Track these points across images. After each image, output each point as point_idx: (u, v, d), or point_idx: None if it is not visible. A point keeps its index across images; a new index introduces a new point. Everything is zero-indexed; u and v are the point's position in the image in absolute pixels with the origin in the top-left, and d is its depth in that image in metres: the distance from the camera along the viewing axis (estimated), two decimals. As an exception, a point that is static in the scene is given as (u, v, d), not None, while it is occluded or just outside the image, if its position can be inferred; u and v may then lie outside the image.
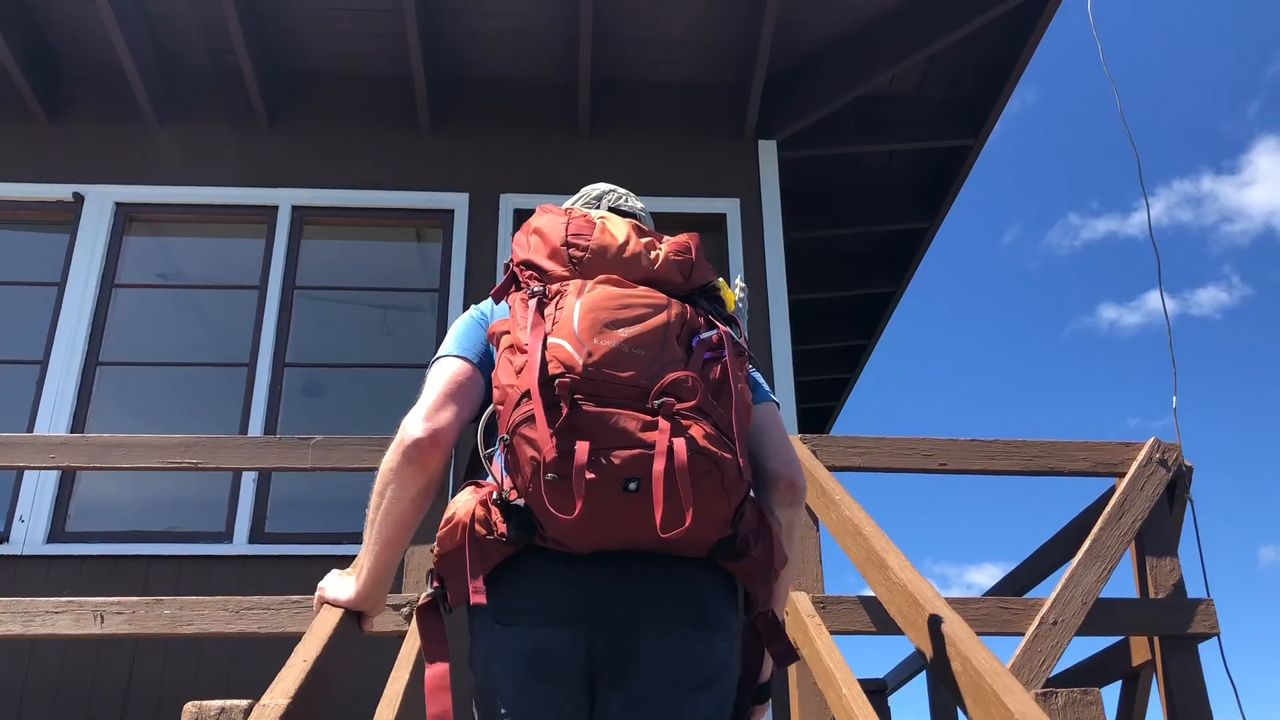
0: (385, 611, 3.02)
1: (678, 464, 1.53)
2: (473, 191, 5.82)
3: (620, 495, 1.54)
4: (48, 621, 3.13)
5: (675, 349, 1.65)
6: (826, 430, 10.40)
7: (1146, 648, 3.60)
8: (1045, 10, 5.58)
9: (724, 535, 1.64)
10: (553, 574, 1.63)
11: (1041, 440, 3.66)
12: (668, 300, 1.71)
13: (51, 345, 5.37)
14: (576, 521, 1.52)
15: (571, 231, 1.79)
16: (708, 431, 1.58)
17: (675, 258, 1.82)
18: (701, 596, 1.68)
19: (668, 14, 5.77)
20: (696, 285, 1.84)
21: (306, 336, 5.61)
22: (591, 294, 1.67)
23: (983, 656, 1.89)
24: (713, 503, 1.58)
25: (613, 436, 1.55)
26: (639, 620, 1.63)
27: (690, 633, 1.65)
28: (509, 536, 1.61)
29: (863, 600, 3.37)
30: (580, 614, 1.62)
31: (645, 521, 1.53)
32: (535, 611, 1.63)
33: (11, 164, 5.76)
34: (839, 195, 7.36)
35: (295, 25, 5.81)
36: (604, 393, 1.58)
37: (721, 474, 1.57)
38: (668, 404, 1.57)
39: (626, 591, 1.63)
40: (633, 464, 1.54)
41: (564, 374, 1.57)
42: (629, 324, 1.64)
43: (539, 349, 1.60)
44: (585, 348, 1.60)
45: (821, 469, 3.24)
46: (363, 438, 3.41)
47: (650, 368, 1.61)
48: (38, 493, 5.05)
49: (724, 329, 1.75)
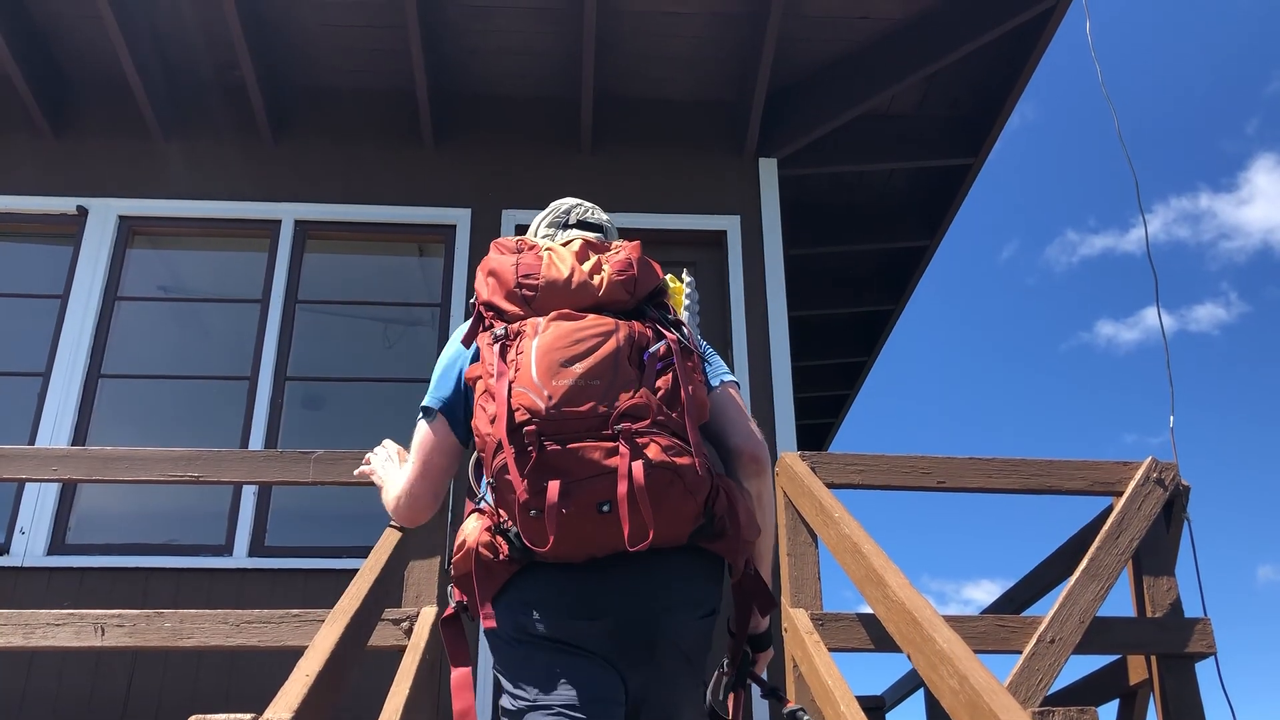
0: (385, 626, 3.03)
1: (636, 486, 1.73)
2: (475, 207, 5.85)
3: (596, 516, 1.76)
4: (48, 633, 3.13)
5: (628, 370, 1.85)
6: (825, 447, 10.40)
7: (1144, 666, 3.60)
8: (1044, 32, 5.62)
9: (699, 524, 1.86)
10: (567, 580, 1.85)
11: (1039, 459, 3.67)
12: (615, 324, 1.90)
13: (54, 358, 5.38)
14: (557, 547, 1.75)
15: (521, 272, 1.98)
16: (665, 444, 1.79)
17: (618, 278, 2.00)
18: (692, 581, 1.93)
19: (669, 32, 5.81)
20: (643, 296, 2.03)
21: (308, 350, 5.63)
22: (545, 335, 1.86)
23: (980, 674, 1.90)
24: (679, 505, 1.80)
25: (581, 468, 1.75)
26: (645, 610, 1.86)
27: (687, 613, 1.92)
28: (512, 557, 1.84)
29: (861, 618, 3.37)
30: (601, 610, 1.84)
31: (617, 533, 1.75)
32: (556, 606, 1.85)
33: (16, 177, 5.79)
34: (839, 213, 7.39)
35: (299, 41, 5.84)
36: (566, 430, 1.77)
37: (682, 480, 1.78)
38: (625, 429, 1.77)
39: (642, 586, 1.86)
40: (600, 489, 1.75)
41: (529, 420, 1.77)
42: (582, 358, 1.82)
43: (505, 398, 1.80)
44: (545, 390, 1.79)
45: (820, 486, 3.25)
46: (364, 452, 3.42)
47: (607, 394, 1.80)
48: (38, 505, 5.06)
49: (671, 336, 1.94)
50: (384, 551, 2.60)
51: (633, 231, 5.04)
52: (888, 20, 5.81)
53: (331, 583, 4.81)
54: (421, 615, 3.08)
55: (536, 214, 2.38)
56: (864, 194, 7.34)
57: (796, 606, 3.31)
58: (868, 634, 3.33)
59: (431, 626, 3.00)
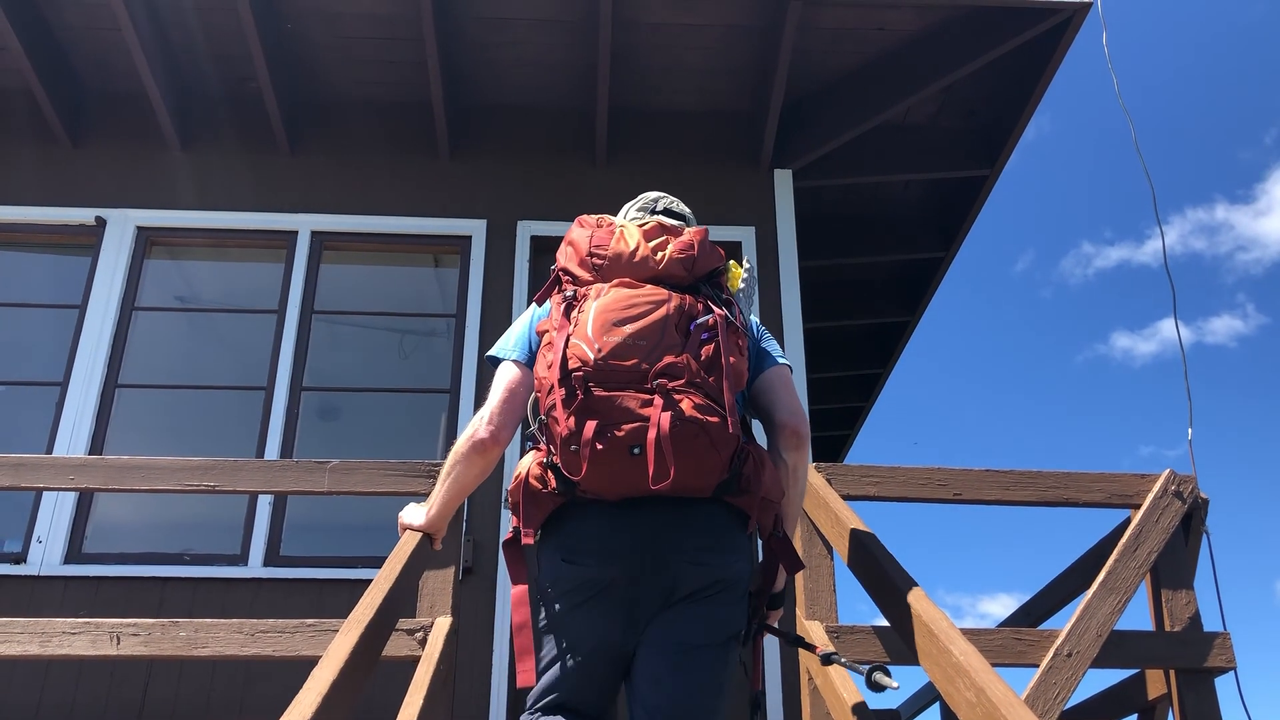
0: (399, 636, 3.03)
1: (663, 434, 2.00)
2: (490, 218, 5.86)
3: (628, 458, 2.02)
4: (64, 642, 3.14)
5: (673, 336, 2.12)
6: (841, 459, 10.37)
7: (1162, 681, 3.56)
8: (1060, 43, 5.60)
9: (724, 478, 2.11)
10: (596, 518, 2.13)
11: (1056, 471, 3.65)
12: (668, 295, 2.17)
13: (71, 367, 5.41)
14: (593, 479, 2.05)
15: (594, 244, 2.28)
16: (697, 402, 2.05)
17: (679, 255, 2.26)
18: (713, 527, 2.15)
19: (684, 44, 5.82)
20: (701, 274, 2.28)
21: (323, 360, 5.64)
22: (605, 298, 2.15)
23: (997, 688, 1.89)
24: (704, 457, 2.05)
25: (618, 414, 2.03)
26: (666, 549, 2.11)
27: (706, 556, 2.13)
28: (558, 489, 2.12)
29: (877, 630, 3.36)
30: (619, 551, 2.11)
31: (643, 475, 2.00)
32: (586, 552, 2.12)
33: (36, 188, 5.83)
34: (854, 224, 7.37)
35: (316, 53, 5.88)
36: (611, 379, 2.06)
37: (709, 435, 2.04)
38: (661, 384, 2.05)
39: (654, 528, 2.11)
40: (634, 434, 2.02)
41: (579, 368, 2.07)
42: (633, 320, 2.11)
43: (562, 348, 2.10)
44: (596, 344, 2.08)
45: (836, 498, 3.24)
46: (379, 462, 3.43)
47: (650, 354, 2.08)
48: (56, 514, 5.08)
49: (720, 312, 2.19)
50: (398, 562, 2.60)
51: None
52: (903, 32, 5.80)
53: (346, 593, 4.85)
54: (435, 626, 3.08)
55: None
56: (879, 205, 7.32)
57: (812, 619, 3.30)
58: (884, 647, 3.32)
59: (445, 637, 3.00)
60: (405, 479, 3.38)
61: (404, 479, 3.38)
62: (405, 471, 3.39)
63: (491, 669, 4.85)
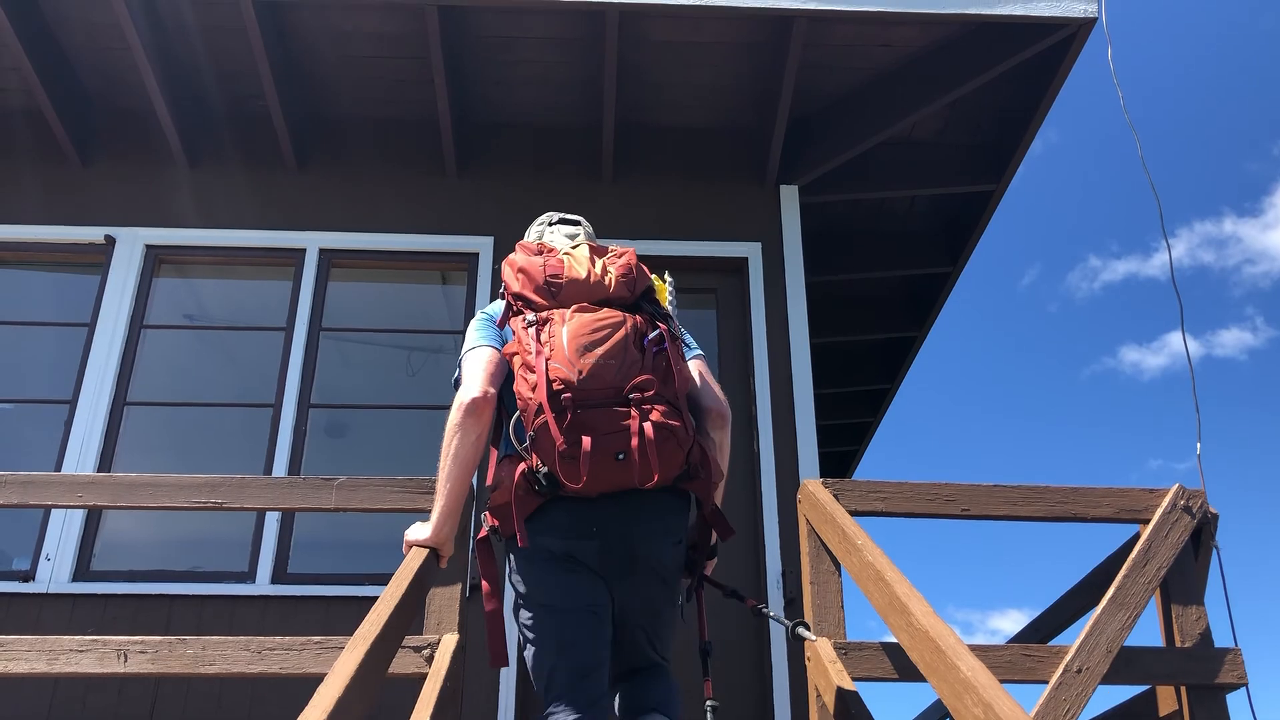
0: (406, 653, 3.02)
1: (647, 440, 2.39)
2: (497, 235, 5.87)
3: (613, 463, 2.40)
4: (72, 659, 3.14)
5: (634, 353, 2.49)
6: (849, 475, 10.35)
7: (1173, 698, 3.54)
8: (1066, 57, 5.61)
9: (682, 470, 2.52)
10: (575, 509, 2.50)
11: (1064, 486, 3.63)
12: (623, 317, 2.55)
13: (80, 385, 5.43)
14: (585, 483, 2.39)
15: (549, 272, 2.64)
16: (664, 410, 2.45)
17: (623, 278, 2.67)
18: (669, 515, 2.60)
19: (690, 61, 5.84)
20: (639, 293, 2.68)
21: (331, 378, 5.66)
22: (571, 324, 2.50)
23: (1006, 704, 1.88)
24: (673, 456, 2.47)
25: (604, 426, 2.39)
26: (633, 534, 2.53)
27: (664, 540, 2.59)
28: (540, 492, 2.47)
29: (885, 646, 3.34)
30: (595, 532, 2.50)
31: (629, 475, 2.42)
32: (566, 529, 2.50)
33: (45, 206, 5.86)
34: (861, 239, 7.37)
35: (323, 71, 5.91)
36: (591, 398, 2.41)
37: (675, 437, 2.46)
38: (636, 398, 2.43)
39: (625, 516, 2.51)
40: (618, 443, 2.39)
41: (564, 389, 2.40)
42: (600, 343, 2.47)
43: (544, 371, 2.42)
44: (575, 366, 2.42)
45: (843, 514, 3.23)
46: (386, 479, 3.43)
47: (620, 372, 2.45)
48: (64, 532, 5.09)
49: (663, 327, 2.60)
50: (405, 579, 2.60)
51: (654, 258, 5.09)
52: (909, 48, 5.82)
53: (353, 610, 4.85)
54: (442, 643, 3.07)
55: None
56: (886, 220, 7.32)
57: (820, 635, 3.28)
58: (891, 663, 3.30)
59: (452, 654, 3.00)
60: (412, 495, 3.38)
61: (410, 495, 3.38)
62: (412, 488, 3.38)
63: (499, 686, 4.83)
